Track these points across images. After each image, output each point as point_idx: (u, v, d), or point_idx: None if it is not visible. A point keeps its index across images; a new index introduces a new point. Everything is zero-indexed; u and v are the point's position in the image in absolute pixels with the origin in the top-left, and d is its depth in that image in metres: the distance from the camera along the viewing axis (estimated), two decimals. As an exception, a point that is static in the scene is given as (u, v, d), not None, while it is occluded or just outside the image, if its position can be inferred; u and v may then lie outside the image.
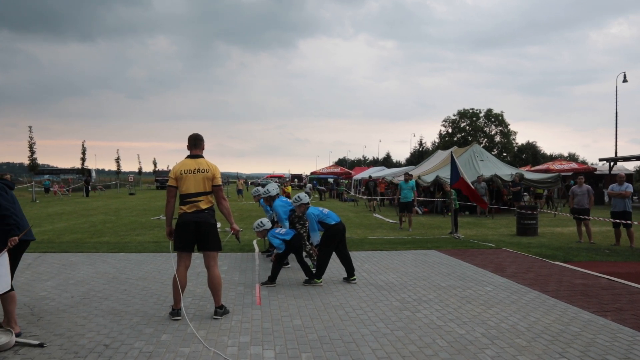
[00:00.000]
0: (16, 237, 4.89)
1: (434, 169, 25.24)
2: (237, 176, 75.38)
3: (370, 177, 32.48)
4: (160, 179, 59.20)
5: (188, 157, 5.79)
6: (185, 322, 5.51)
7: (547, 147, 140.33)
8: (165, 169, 69.12)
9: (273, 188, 9.01)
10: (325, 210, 7.73)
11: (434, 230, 15.59)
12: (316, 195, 37.18)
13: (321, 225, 7.57)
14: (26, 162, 47.47)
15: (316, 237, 7.63)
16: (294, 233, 7.64)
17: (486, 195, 20.62)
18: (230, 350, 4.72)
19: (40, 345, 4.80)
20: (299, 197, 8.01)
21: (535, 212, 14.58)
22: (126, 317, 5.79)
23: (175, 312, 5.69)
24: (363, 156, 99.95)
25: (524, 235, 14.19)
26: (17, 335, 4.94)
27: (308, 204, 7.94)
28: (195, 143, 5.82)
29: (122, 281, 7.62)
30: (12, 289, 5.01)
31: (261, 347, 4.81)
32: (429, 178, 23.15)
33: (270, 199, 8.92)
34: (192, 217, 5.62)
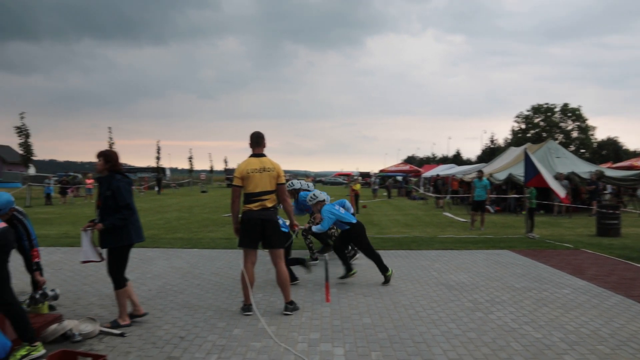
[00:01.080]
0: (101, 225, 5.12)
1: (506, 167, 24.43)
2: (305, 174, 76.08)
3: (438, 175, 31.91)
4: (230, 177, 60.71)
5: (252, 156, 5.84)
6: (256, 318, 5.62)
7: (631, 142, 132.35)
8: (236, 167, 70.74)
9: (297, 181, 9.33)
10: (342, 210, 7.72)
11: (507, 229, 15.09)
12: (384, 193, 36.89)
13: (343, 224, 7.65)
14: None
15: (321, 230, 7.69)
16: (355, 221, 7.69)
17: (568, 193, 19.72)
18: (301, 346, 4.77)
19: (122, 335, 5.04)
20: (314, 194, 8.06)
21: (617, 212, 13.79)
22: (200, 310, 5.97)
23: (247, 307, 5.81)
24: (432, 154, 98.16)
25: (605, 235, 13.45)
26: (127, 326, 5.23)
27: (324, 201, 7.95)
28: (258, 141, 5.87)
29: (195, 276, 7.88)
30: (125, 284, 5.34)
31: (331, 344, 4.83)
32: (501, 176, 22.43)
33: (294, 193, 9.09)
34: (259, 215, 5.70)
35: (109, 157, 5.27)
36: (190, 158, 58.26)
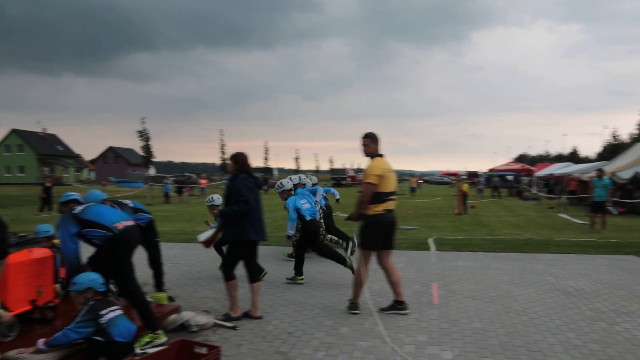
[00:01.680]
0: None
1: (632, 164, 22.48)
2: (411, 174, 75.08)
3: (551, 174, 30.08)
4: (336, 176, 61.29)
5: (380, 155, 5.76)
6: (363, 317, 5.62)
7: None
8: (341, 166, 71.39)
9: (287, 182, 8.34)
10: (307, 205, 7.43)
11: (634, 233, 13.86)
12: (494, 194, 35.39)
13: (299, 219, 7.33)
14: (218, 162, 52.48)
15: (291, 228, 7.34)
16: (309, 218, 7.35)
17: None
18: (408, 348, 4.69)
19: (234, 328, 5.26)
20: (281, 183, 7.87)
21: None
22: (307, 308, 6.08)
23: (354, 306, 5.82)
24: (545, 151, 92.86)
25: None
26: (237, 319, 5.47)
27: (291, 190, 7.72)
28: (379, 141, 5.85)
29: (306, 273, 8.02)
30: (234, 277, 5.56)
31: (439, 347, 4.71)
32: (626, 174, 20.68)
33: (285, 194, 8.24)
34: (390, 218, 5.69)
35: (237, 158, 5.61)
36: (296, 158, 59.94)
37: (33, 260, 4.86)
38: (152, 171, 31.47)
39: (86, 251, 4.63)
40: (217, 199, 7.85)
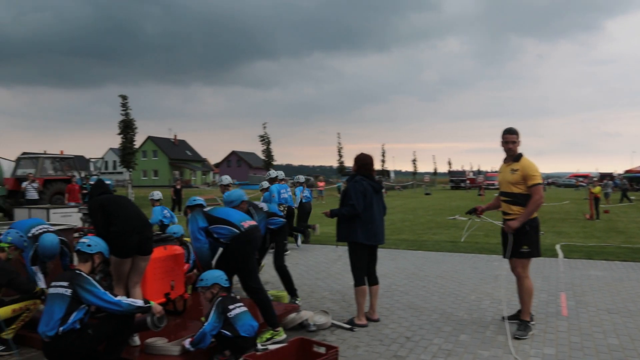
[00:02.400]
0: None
1: None
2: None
3: None
4: (454, 179, 59.54)
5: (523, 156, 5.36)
6: (484, 325, 5.40)
7: None
8: (460, 169, 69.28)
9: (264, 182, 9.97)
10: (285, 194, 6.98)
11: None
12: (624, 197, 32.14)
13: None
14: (335, 165, 53.28)
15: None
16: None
17: None
18: (534, 360, 4.43)
19: (351, 329, 5.30)
20: (220, 178, 7.83)
21: None
22: (425, 312, 5.96)
23: (531, 317, 5.37)
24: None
25: None
26: (363, 326, 5.40)
27: (228, 186, 7.82)
28: None
29: (420, 278, 7.89)
30: (362, 283, 5.52)
31: (569, 362, 4.39)
32: None
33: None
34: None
35: (356, 160, 5.65)
36: (413, 160, 59.02)
37: (167, 256, 5.26)
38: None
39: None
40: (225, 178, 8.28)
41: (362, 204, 5.37)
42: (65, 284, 3.86)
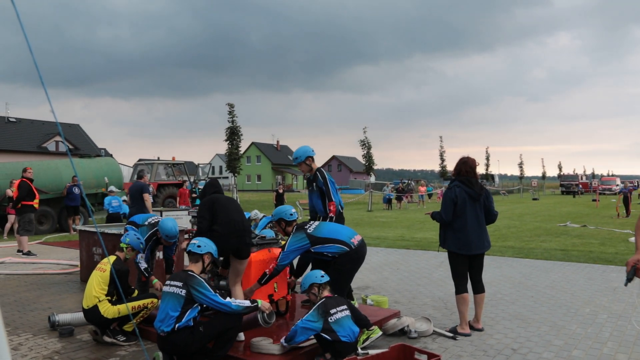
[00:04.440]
0: (430, 212, 5.65)
1: None
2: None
3: None
4: (565, 183, 56.12)
5: None
6: (600, 340, 5.04)
7: None
8: (572, 172, 65.12)
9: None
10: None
11: None
12: None
13: None
14: (437, 169, 52.21)
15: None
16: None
17: None
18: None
19: (453, 338, 5.16)
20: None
21: None
22: (533, 324, 5.67)
23: None
24: None
25: None
26: (466, 335, 5.27)
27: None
28: None
29: (528, 287, 7.52)
30: (463, 291, 5.37)
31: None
32: None
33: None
34: None
35: (456, 165, 5.56)
36: (520, 164, 56.50)
37: (271, 259, 5.43)
38: (372, 179, 32.86)
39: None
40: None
41: (450, 212, 5.29)
42: (179, 284, 4.15)
